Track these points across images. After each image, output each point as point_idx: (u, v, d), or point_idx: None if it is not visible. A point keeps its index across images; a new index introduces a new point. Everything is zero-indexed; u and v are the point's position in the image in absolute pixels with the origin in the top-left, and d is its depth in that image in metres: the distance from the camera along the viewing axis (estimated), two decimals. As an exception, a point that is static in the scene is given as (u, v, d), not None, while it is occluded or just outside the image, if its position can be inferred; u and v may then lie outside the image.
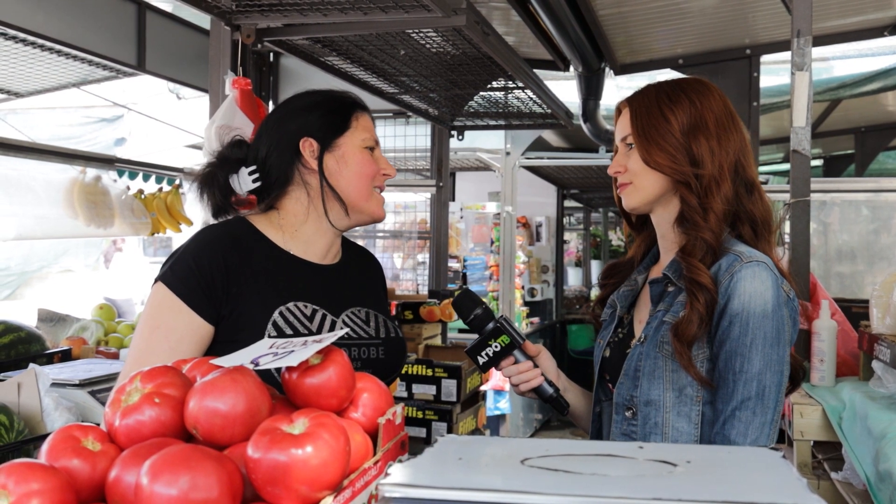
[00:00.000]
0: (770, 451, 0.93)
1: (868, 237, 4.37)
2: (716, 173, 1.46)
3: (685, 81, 1.56)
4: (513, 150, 6.01)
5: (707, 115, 1.48)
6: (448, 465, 0.89)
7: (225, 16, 2.43)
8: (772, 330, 1.37)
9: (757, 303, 1.37)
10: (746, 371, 1.37)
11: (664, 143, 1.47)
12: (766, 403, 1.38)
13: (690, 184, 1.46)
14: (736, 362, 1.37)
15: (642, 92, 1.55)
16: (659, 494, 0.75)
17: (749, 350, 1.37)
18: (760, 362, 1.37)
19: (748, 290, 1.37)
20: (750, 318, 1.36)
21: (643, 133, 1.49)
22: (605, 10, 3.51)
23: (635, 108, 1.53)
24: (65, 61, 3.75)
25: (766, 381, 1.37)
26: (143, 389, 0.99)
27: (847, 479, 1.85)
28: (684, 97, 1.50)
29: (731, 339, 1.37)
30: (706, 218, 1.44)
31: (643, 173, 1.50)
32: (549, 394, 1.55)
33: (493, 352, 1.52)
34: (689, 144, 1.46)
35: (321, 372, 1.05)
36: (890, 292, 1.94)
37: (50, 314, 3.20)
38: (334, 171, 1.58)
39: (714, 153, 1.47)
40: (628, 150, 1.53)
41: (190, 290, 1.46)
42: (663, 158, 1.47)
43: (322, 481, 0.89)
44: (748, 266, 1.39)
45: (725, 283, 1.39)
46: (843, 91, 5.25)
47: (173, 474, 0.83)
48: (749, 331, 1.37)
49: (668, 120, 1.48)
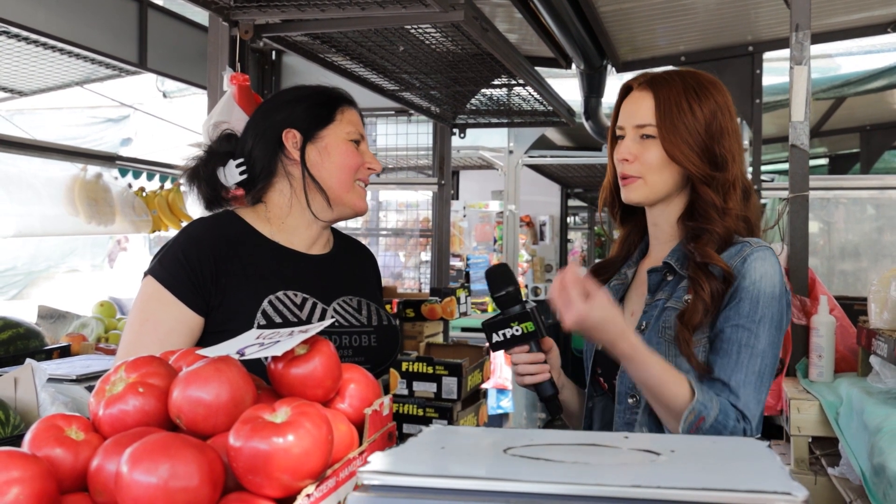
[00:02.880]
0: (756, 441, 0.93)
1: (871, 235, 4.34)
2: (737, 174, 1.47)
3: (703, 77, 1.51)
4: (516, 148, 6.00)
5: (729, 114, 1.47)
6: (430, 453, 0.88)
7: (223, 12, 2.43)
8: (777, 313, 1.40)
9: (767, 284, 1.39)
10: (753, 346, 1.38)
11: (690, 138, 1.44)
12: (763, 384, 1.39)
13: (711, 184, 1.45)
14: (742, 336, 1.38)
15: (667, 80, 1.48)
16: (638, 482, 0.74)
17: (757, 327, 1.38)
18: (765, 340, 1.38)
19: (759, 271, 1.40)
20: (760, 297, 1.39)
21: (670, 125, 1.44)
22: (606, 6, 3.51)
23: (662, 98, 1.46)
24: (67, 59, 3.76)
25: (768, 361, 1.39)
26: (127, 379, 0.99)
27: (843, 475, 1.84)
28: (709, 93, 1.47)
29: (740, 315, 1.38)
30: (724, 217, 1.45)
31: (661, 167, 1.46)
32: (549, 394, 1.50)
33: (512, 335, 1.45)
34: (712, 144, 1.45)
35: (307, 362, 1.05)
36: (888, 287, 1.93)
37: (50, 311, 3.21)
38: (316, 162, 1.59)
39: (735, 156, 1.47)
40: (643, 140, 1.47)
41: (179, 283, 1.47)
42: (689, 154, 1.43)
43: (303, 470, 0.88)
44: (759, 250, 1.42)
45: (738, 265, 1.41)
46: (848, 89, 5.23)
47: (153, 462, 0.83)
48: (759, 309, 1.38)
49: (695, 115, 1.44)
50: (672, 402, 1.35)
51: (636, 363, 1.36)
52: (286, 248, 1.60)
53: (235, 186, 1.60)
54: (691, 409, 1.33)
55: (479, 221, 7.09)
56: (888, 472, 1.40)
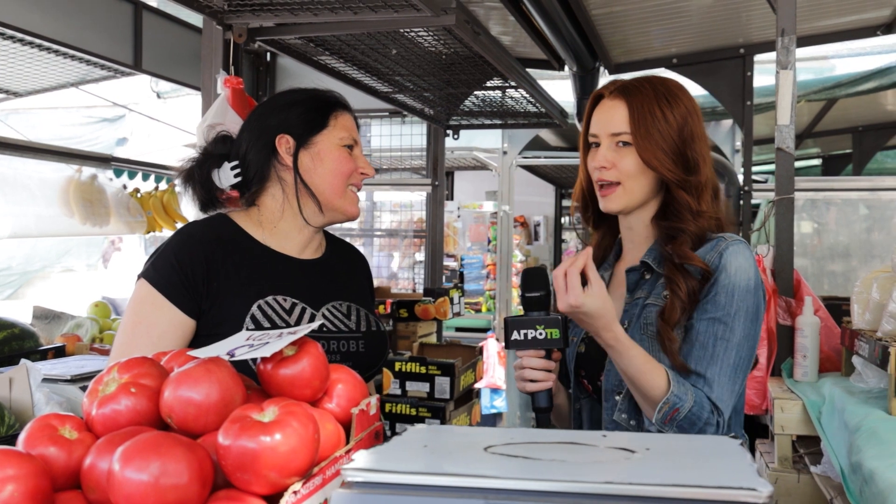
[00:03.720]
0: (729, 439, 0.96)
1: (861, 235, 4.38)
2: (709, 176, 1.51)
3: (672, 83, 1.56)
4: (510, 149, 6.03)
5: (697, 120, 1.52)
6: (413, 451, 0.91)
7: (216, 15, 2.46)
8: (752, 305, 1.44)
9: (742, 277, 1.43)
10: (728, 339, 1.42)
11: (664, 144, 1.48)
12: (738, 376, 1.43)
13: (685, 187, 1.49)
14: (718, 329, 1.42)
15: (638, 88, 1.52)
16: (611, 478, 0.77)
17: (733, 320, 1.42)
18: (741, 333, 1.42)
19: (735, 264, 1.44)
20: (736, 290, 1.43)
21: (645, 132, 1.48)
22: (597, 9, 3.53)
23: (635, 106, 1.50)
24: (62, 61, 3.79)
25: (743, 354, 1.43)
26: (119, 380, 1.02)
27: (825, 473, 1.87)
28: (679, 100, 1.51)
29: (717, 307, 1.42)
30: (697, 219, 1.49)
31: (638, 174, 1.49)
32: (544, 405, 1.49)
33: (535, 337, 1.44)
34: (684, 148, 1.49)
35: (295, 363, 1.07)
36: (870, 289, 1.96)
37: (45, 311, 3.23)
38: (309, 167, 1.60)
39: (706, 159, 1.51)
40: (619, 148, 1.50)
41: (171, 286, 1.49)
42: (664, 159, 1.47)
43: (291, 468, 0.91)
44: (734, 244, 1.47)
45: (714, 260, 1.45)
46: (840, 90, 5.26)
47: (144, 460, 0.85)
48: (734, 302, 1.42)
49: (668, 121, 1.48)
50: (650, 392, 1.40)
51: (619, 353, 1.40)
52: (277, 253, 1.61)
53: (230, 188, 1.62)
54: (665, 401, 1.38)
55: (473, 222, 7.12)
56: (864, 469, 1.44)
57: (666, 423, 1.39)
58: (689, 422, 1.39)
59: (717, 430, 1.41)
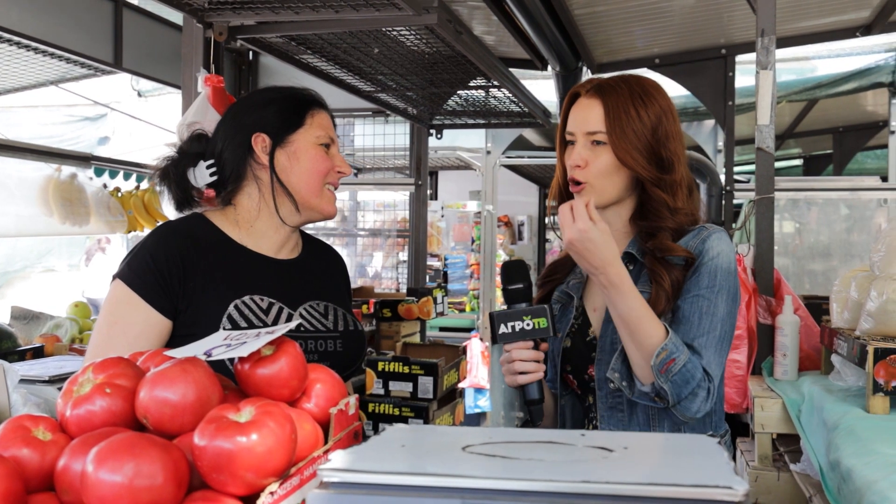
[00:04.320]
0: (707, 437, 0.96)
1: (842, 235, 4.42)
2: (684, 174, 1.54)
3: (647, 81, 1.57)
4: (493, 149, 6.03)
5: (672, 118, 1.54)
6: (390, 451, 0.91)
7: (197, 13, 2.44)
8: (733, 287, 1.49)
9: (724, 260, 1.48)
10: (713, 314, 1.45)
11: (639, 143, 1.49)
12: (723, 349, 1.46)
13: (660, 185, 1.51)
14: (703, 304, 1.46)
15: (614, 87, 1.53)
16: (588, 477, 0.77)
17: (716, 297, 1.46)
18: (724, 309, 1.46)
19: (717, 248, 1.49)
20: (718, 271, 1.47)
21: (620, 131, 1.49)
22: (580, 9, 3.54)
23: (611, 105, 1.51)
24: (42, 59, 3.74)
25: (726, 329, 1.47)
26: (94, 380, 1.01)
27: (804, 471, 1.88)
28: (654, 99, 1.53)
29: (700, 286, 1.47)
30: (674, 215, 1.53)
31: (612, 172, 1.50)
32: (536, 397, 1.49)
33: (522, 328, 1.45)
34: (658, 148, 1.51)
35: (273, 363, 1.07)
36: (848, 287, 1.97)
37: (23, 312, 3.20)
38: (285, 166, 1.59)
39: (680, 157, 1.54)
40: (594, 146, 1.51)
41: (147, 286, 1.48)
42: (638, 158, 1.49)
43: (267, 468, 0.90)
44: (715, 232, 1.52)
45: (697, 245, 1.50)
46: (821, 91, 5.30)
47: (118, 461, 0.84)
48: (717, 281, 1.47)
49: (642, 120, 1.50)
50: (647, 340, 1.40)
51: (622, 294, 1.41)
52: (254, 253, 1.60)
53: (206, 188, 1.61)
54: (664, 347, 1.39)
55: (457, 221, 7.12)
56: (842, 466, 1.45)
57: (662, 372, 1.39)
58: (684, 378, 1.39)
59: (707, 397, 1.42)
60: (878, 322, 1.80)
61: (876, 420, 1.67)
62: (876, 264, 1.87)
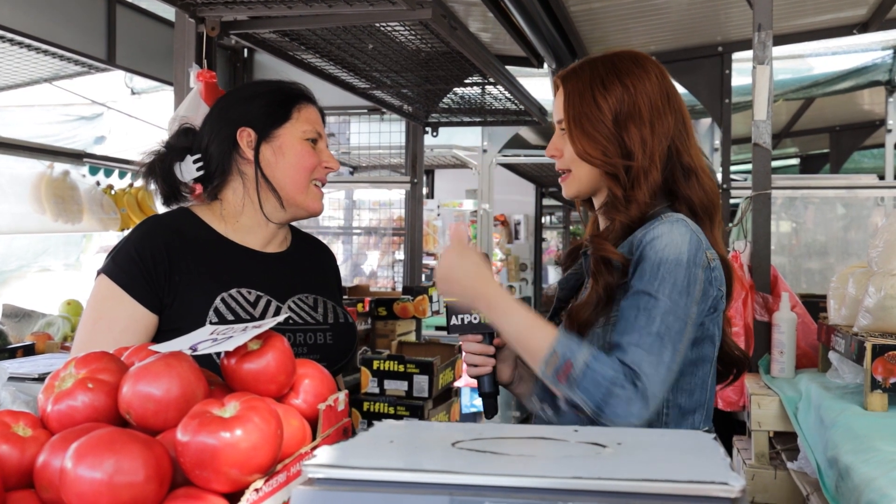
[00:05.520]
0: (703, 433, 0.94)
1: (839, 234, 4.40)
2: (645, 164, 1.40)
3: (620, 61, 1.45)
4: (490, 147, 6.00)
5: (641, 102, 1.41)
6: (378, 447, 0.89)
7: (189, 8, 2.42)
8: (683, 279, 1.32)
9: (671, 251, 1.32)
10: (650, 309, 1.30)
11: (596, 133, 1.40)
12: (664, 345, 1.28)
13: (618, 176, 1.41)
14: (641, 300, 1.31)
15: (576, 72, 1.46)
16: (580, 473, 0.75)
17: (657, 290, 1.30)
18: (666, 303, 1.30)
19: (664, 240, 1.33)
20: (661, 263, 1.32)
21: (576, 122, 1.42)
22: (576, 6, 3.53)
23: (569, 92, 1.44)
24: (35, 56, 3.71)
25: (669, 324, 1.29)
26: (76, 375, 0.98)
27: (801, 469, 1.86)
28: (618, 82, 1.41)
29: (641, 281, 1.32)
30: (628, 207, 1.40)
31: (576, 163, 1.45)
32: (487, 390, 1.50)
33: (470, 321, 1.46)
34: (621, 134, 1.40)
35: (259, 357, 1.04)
36: (846, 284, 1.96)
37: (15, 310, 3.17)
38: (271, 161, 1.56)
39: (646, 143, 1.40)
40: (564, 134, 1.46)
41: (132, 281, 1.45)
42: (594, 150, 1.41)
43: (252, 464, 0.88)
44: (667, 222, 1.36)
45: (640, 236, 1.36)
46: (817, 89, 5.29)
47: (98, 458, 0.82)
48: (659, 275, 1.31)
49: (600, 108, 1.40)
50: (538, 350, 1.32)
51: (503, 312, 1.36)
52: (240, 246, 1.58)
53: (193, 182, 1.58)
54: (553, 351, 1.29)
55: (453, 220, 7.09)
56: (840, 464, 1.43)
57: (562, 380, 1.27)
58: (593, 382, 1.25)
59: (635, 399, 1.24)
60: (876, 318, 1.78)
61: (874, 417, 1.65)
62: (874, 260, 1.85)
